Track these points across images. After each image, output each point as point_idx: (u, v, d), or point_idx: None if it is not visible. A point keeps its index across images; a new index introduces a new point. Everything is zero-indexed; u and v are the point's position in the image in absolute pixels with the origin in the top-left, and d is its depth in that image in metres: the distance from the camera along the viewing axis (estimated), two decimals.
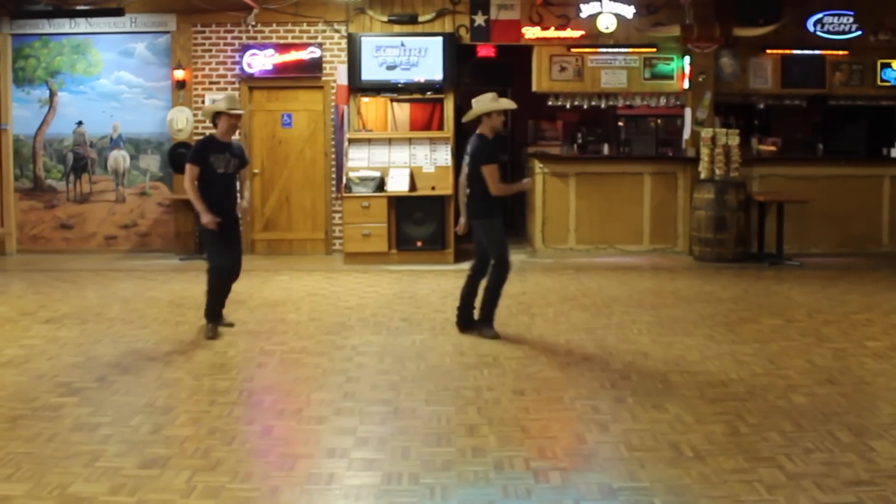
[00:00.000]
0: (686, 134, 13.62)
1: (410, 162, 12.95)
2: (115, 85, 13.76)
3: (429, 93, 13.46)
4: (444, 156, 12.99)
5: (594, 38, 13.36)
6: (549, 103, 13.84)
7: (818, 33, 13.52)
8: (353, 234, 12.57)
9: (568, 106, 13.81)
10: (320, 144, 13.72)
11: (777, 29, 13.03)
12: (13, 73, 13.83)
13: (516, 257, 7.69)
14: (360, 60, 13.12)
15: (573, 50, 13.44)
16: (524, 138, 16.36)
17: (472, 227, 8.19)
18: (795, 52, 13.56)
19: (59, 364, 7.27)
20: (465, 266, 12.28)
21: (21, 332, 8.50)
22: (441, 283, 11.10)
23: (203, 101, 13.58)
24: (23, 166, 13.99)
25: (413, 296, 10.25)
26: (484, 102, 8.01)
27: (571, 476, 4.87)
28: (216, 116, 8.31)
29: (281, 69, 13.46)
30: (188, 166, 8.12)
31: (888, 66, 13.68)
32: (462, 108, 14.32)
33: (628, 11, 13.16)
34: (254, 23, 13.45)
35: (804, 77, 13.63)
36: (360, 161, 12.93)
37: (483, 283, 8.11)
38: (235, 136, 13.73)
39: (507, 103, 8.14)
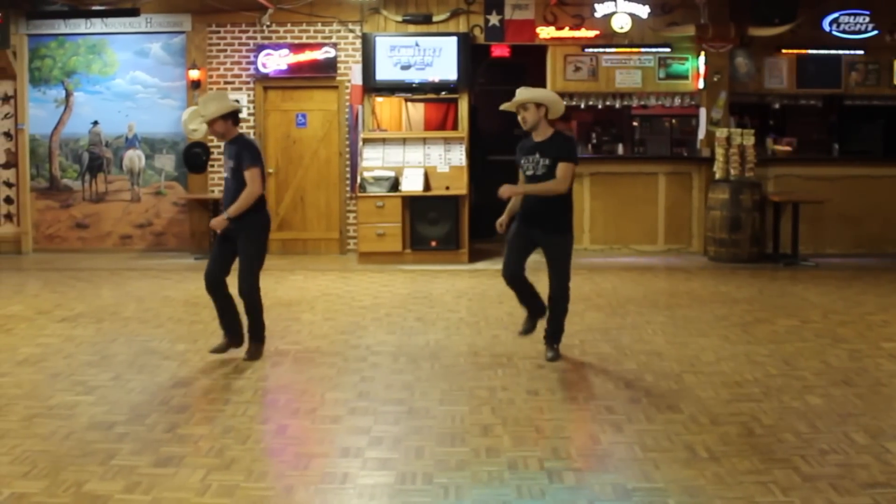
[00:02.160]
0: (701, 134, 13.58)
1: (425, 162, 12.95)
2: (130, 85, 13.81)
3: (443, 93, 13.46)
4: (459, 156, 12.99)
5: (609, 38, 13.34)
6: (564, 103, 13.78)
7: (834, 33, 13.46)
8: (367, 233, 12.58)
9: (582, 106, 13.78)
10: (335, 144, 13.74)
11: (792, 28, 12.98)
12: (30, 73, 13.90)
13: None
14: (375, 60, 13.14)
15: (588, 50, 13.42)
16: None
17: (524, 235, 7.28)
18: (811, 51, 13.49)
19: (75, 363, 7.30)
20: (480, 266, 12.36)
21: (37, 330, 8.54)
22: (455, 283, 11.10)
23: None
24: (39, 166, 14.05)
25: (427, 296, 10.26)
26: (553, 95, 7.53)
27: (586, 476, 4.86)
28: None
29: (295, 69, 13.49)
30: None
31: None
32: (477, 107, 14.38)
33: (643, 11, 13.13)
34: (268, 23, 13.48)
35: (820, 77, 13.57)
36: (374, 161, 12.95)
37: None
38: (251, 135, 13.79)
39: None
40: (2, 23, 12.94)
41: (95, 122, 13.91)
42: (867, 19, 13.41)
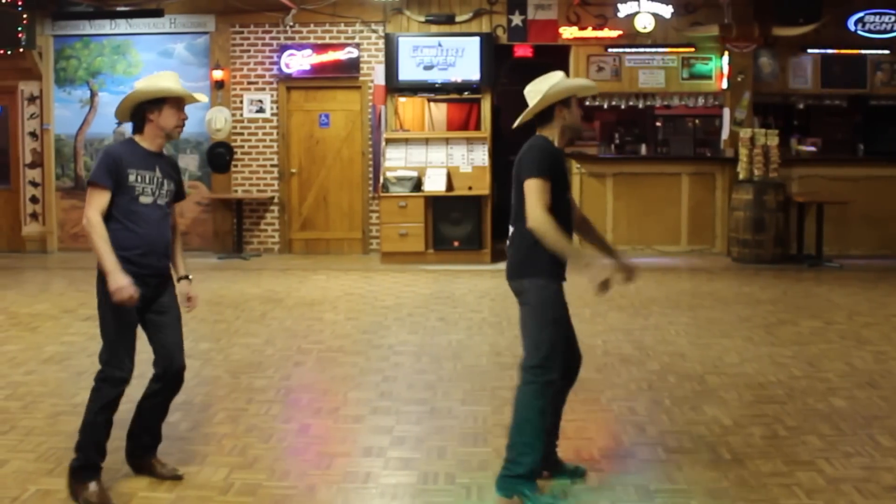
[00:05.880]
0: (724, 134, 13.52)
1: (447, 162, 12.95)
2: None
3: (466, 93, 13.46)
4: (482, 156, 12.99)
5: (632, 38, 13.30)
6: (587, 103, 13.73)
7: (859, 32, 13.37)
8: (390, 233, 12.60)
9: (605, 106, 13.76)
10: (358, 144, 13.77)
11: (817, 28, 12.90)
12: (55, 73, 14.01)
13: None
14: (398, 60, 13.16)
15: (611, 50, 13.39)
16: None
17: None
18: (836, 51, 13.41)
19: None
20: (502, 266, 12.27)
21: (62, 329, 8.61)
22: (478, 283, 11.09)
23: (241, 101, 13.68)
24: (64, 165, 14.16)
25: (450, 296, 10.26)
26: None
27: (608, 478, 4.85)
28: (148, 107, 4.96)
29: (319, 69, 13.52)
30: (88, 190, 4.68)
31: None
32: (499, 108, 14.37)
33: (666, 11, 13.07)
34: (292, 23, 13.52)
35: (845, 77, 13.49)
36: (397, 161, 12.96)
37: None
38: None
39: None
40: (27, 24, 13.05)
41: (120, 123, 13.98)
42: (893, 18, 13.31)
